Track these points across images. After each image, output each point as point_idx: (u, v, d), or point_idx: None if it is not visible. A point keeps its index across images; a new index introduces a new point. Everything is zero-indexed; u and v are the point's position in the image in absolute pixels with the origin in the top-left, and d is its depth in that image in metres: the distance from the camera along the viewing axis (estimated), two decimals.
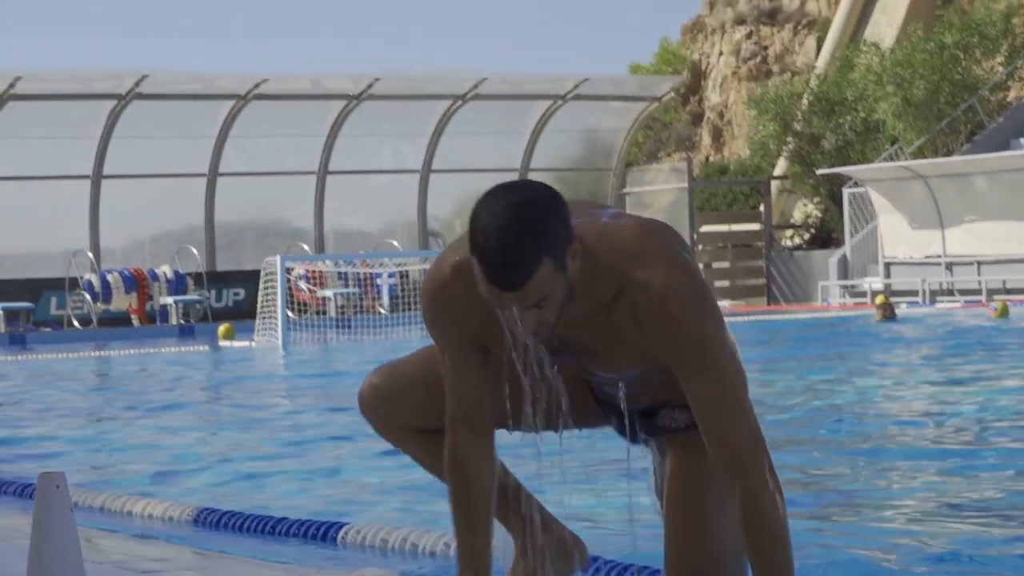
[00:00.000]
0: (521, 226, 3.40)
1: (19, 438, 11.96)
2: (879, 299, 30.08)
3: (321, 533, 6.09)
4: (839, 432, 11.39)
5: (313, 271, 28.26)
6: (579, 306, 3.63)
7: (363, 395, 4.19)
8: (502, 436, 3.88)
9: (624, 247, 3.63)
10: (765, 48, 45.84)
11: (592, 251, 3.58)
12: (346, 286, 29.14)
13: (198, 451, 10.68)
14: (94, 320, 30.60)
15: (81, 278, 31.10)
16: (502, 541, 4.35)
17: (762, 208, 37.34)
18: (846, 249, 33.96)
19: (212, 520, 6.58)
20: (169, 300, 30.67)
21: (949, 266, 31.12)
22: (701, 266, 36.15)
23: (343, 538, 5.96)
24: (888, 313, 24.97)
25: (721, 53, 47.00)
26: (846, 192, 34.22)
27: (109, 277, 31.01)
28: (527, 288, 3.43)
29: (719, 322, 3.67)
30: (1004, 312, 24.84)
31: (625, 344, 3.77)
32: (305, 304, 27.73)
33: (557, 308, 3.54)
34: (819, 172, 35.85)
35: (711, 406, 3.66)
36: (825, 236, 37.34)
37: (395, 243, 34.23)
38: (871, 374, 16.74)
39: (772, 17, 46.10)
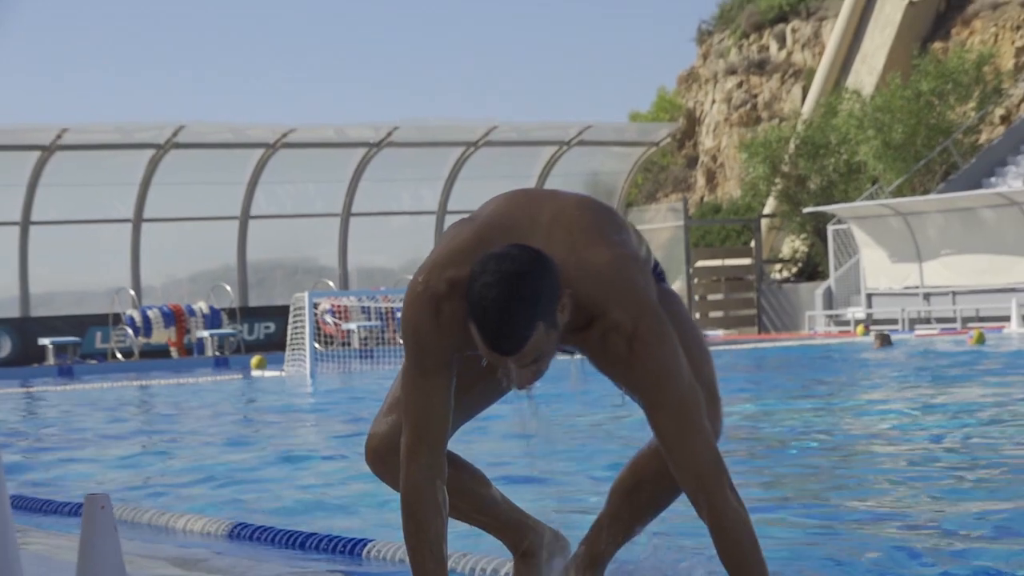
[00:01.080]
0: (514, 298, 3.54)
1: (67, 461, 11.93)
2: (862, 330, 30.09)
3: (348, 549, 6.05)
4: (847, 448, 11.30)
5: (338, 306, 28.24)
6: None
7: (369, 460, 4.26)
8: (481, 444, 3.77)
9: (601, 283, 3.74)
10: (754, 96, 45.90)
11: (572, 284, 3.69)
12: (369, 319, 29.08)
13: (232, 471, 10.64)
14: (136, 352, 30.62)
15: (124, 314, 31.11)
16: None
17: (753, 244, 37.39)
18: (831, 281, 33.94)
19: (245, 534, 6.55)
20: (205, 334, 30.68)
21: (927, 296, 31.11)
22: (697, 298, 36.27)
23: (368, 553, 5.91)
24: (885, 342, 24.93)
25: (714, 101, 47.08)
26: (830, 229, 34.22)
27: (150, 313, 31.05)
28: (524, 351, 3.59)
29: (678, 358, 3.77)
30: (980, 339, 24.77)
31: (592, 359, 3.88)
32: (331, 336, 27.70)
33: (550, 359, 3.72)
34: (805, 210, 35.82)
35: (672, 436, 3.77)
36: (811, 269, 37.36)
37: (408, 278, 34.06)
38: (868, 392, 16.76)
39: (761, 67, 46.17)
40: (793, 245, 38.94)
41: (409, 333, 3.86)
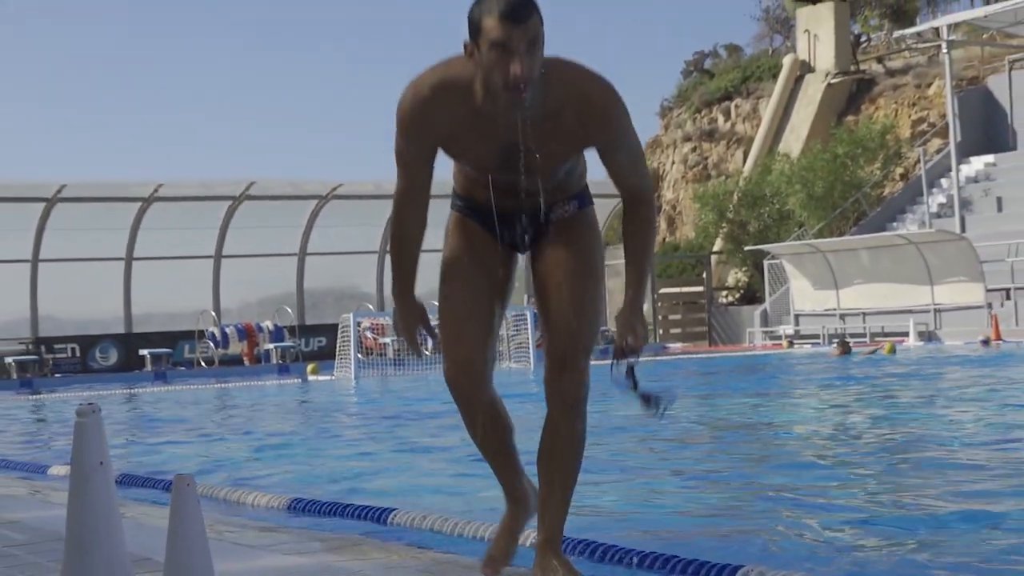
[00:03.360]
0: None
1: (161, 446, 11.95)
2: (788, 344, 30.09)
3: (376, 516, 6.04)
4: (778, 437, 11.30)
5: (376, 324, 28.14)
6: (535, 111, 3.64)
7: (456, 380, 4.03)
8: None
9: (574, 73, 3.74)
10: (705, 158, 45.92)
11: (550, 72, 3.65)
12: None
13: (293, 455, 10.66)
14: (216, 361, 30.59)
15: (206, 330, 31.11)
16: None
17: (704, 275, 37.37)
18: (766, 305, 33.92)
19: (301, 507, 6.56)
20: (271, 346, 30.66)
21: (842, 316, 31.07)
22: (660, 318, 36.25)
23: (392, 521, 5.90)
24: (845, 350, 24.85)
25: (673, 162, 47.08)
26: (766, 263, 34.23)
27: (227, 329, 31.06)
28: (531, 23, 3.52)
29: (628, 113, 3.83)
30: (892, 350, 24.81)
31: (562, 143, 3.77)
32: (370, 348, 27.61)
33: (538, 65, 3.57)
34: (746, 249, 35.92)
35: (630, 165, 3.92)
36: (751, 295, 37.34)
37: (435, 303, 34.13)
38: (795, 390, 16.82)
39: (710, 136, 46.21)
40: (736, 276, 38.94)
41: (403, 128, 3.79)
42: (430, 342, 4.19)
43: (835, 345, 25.94)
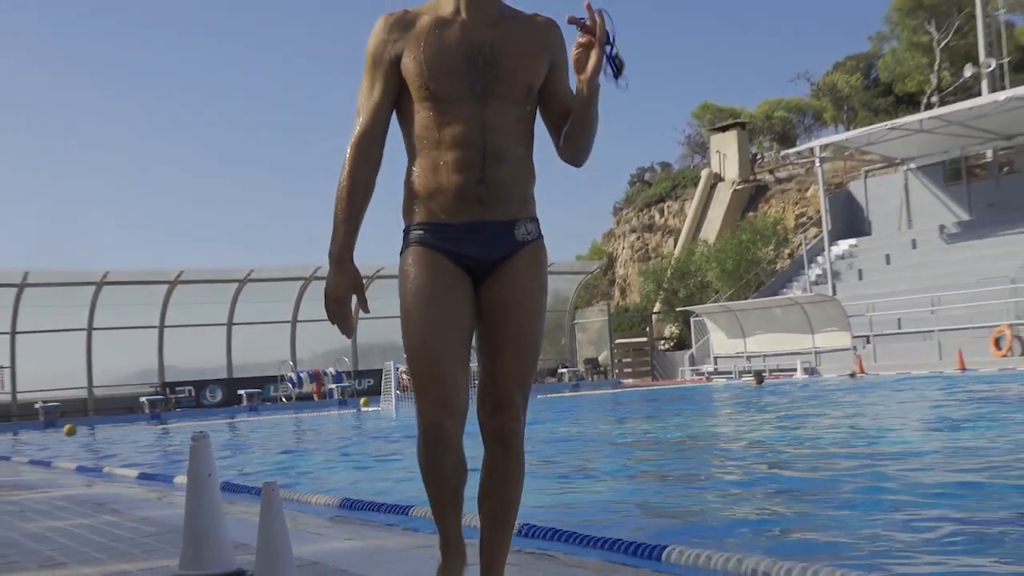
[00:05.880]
0: None
1: (253, 461, 11.94)
2: (708, 379, 30.00)
3: (403, 510, 5.90)
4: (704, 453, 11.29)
5: None
6: (493, 11, 2.79)
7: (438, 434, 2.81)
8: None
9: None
10: (647, 244, 46.09)
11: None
12: None
13: (349, 466, 10.63)
14: (293, 398, 30.54)
15: (286, 375, 31.08)
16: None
17: (648, 329, 37.37)
18: (693, 350, 33.84)
19: (348, 505, 6.53)
20: (333, 386, 30.60)
21: (748, 358, 31.00)
22: (616, 360, 36.19)
23: (411, 513, 5.77)
24: (759, 381, 24.85)
25: (623, 248, 47.27)
26: (692, 320, 34.21)
27: (301, 374, 31.03)
28: None
29: None
30: (760, 381, 24.97)
31: (519, 49, 2.76)
32: (406, 387, 27.55)
33: None
34: (677, 309, 35.97)
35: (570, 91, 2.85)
36: (681, 343, 37.28)
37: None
38: (715, 411, 16.84)
39: (650, 228, 46.40)
40: (671, 329, 38.94)
41: (374, 42, 2.78)
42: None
43: (752, 377, 25.95)
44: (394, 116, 2.86)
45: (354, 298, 2.87)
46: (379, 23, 2.80)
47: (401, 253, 2.90)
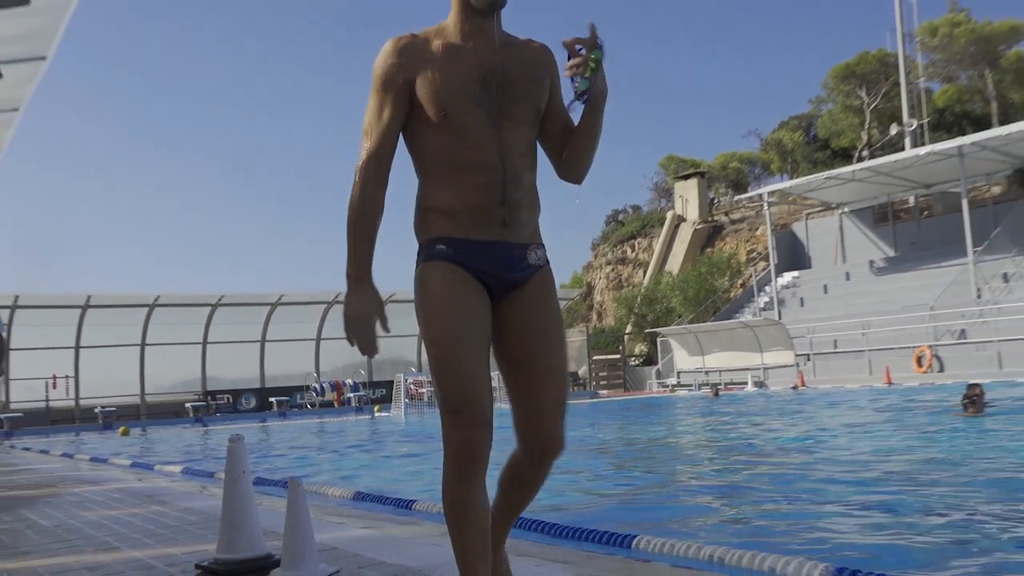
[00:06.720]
0: None
1: (282, 459, 11.85)
2: (673, 390, 29.98)
3: (405, 504, 5.85)
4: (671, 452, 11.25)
5: (417, 380, 28.12)
6: (499, 38, 2.49)
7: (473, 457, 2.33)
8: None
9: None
10: (620, 275, 46.11)
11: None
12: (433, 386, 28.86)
13: (364, 464, 10.57)
14: (317, 405, 30.45)
15: (311, 385, 30.98)
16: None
17: (620, 348, 37.40)
18: (659, 365, 33.83)
19: (362, 497, 6.47)
20: (351, 395, 30.50)
21: (706, 373, 31.03)
22: (593, 374, 36.14)
23: (415, 507, 5.69)
24: (715, 393, 24.80)
25: (600, 278, 47.29)
26: (659, 340, 34.26)
27: (324, 385, 30.93)
28: None
29: None
30: (716, 394, 24.77)
31: (526, 73, 2.48)
32: (413, 396, 27.52)
33: None
34: (647, 331, 35.95)
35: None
36: (649, 360, 37.27)
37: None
38: (678, 418, 16.81)
39: (623, 261, 46.44)
40: (640, 348, 38.96)
41: (383, 67, 2.43)
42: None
43: (710, 389, 25.91)
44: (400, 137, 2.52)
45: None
46: (388, 46, 2.46)
47: (419, 267, 2.49)
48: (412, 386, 27.63)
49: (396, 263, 29.96)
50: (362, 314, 2.38)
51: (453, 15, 2.50)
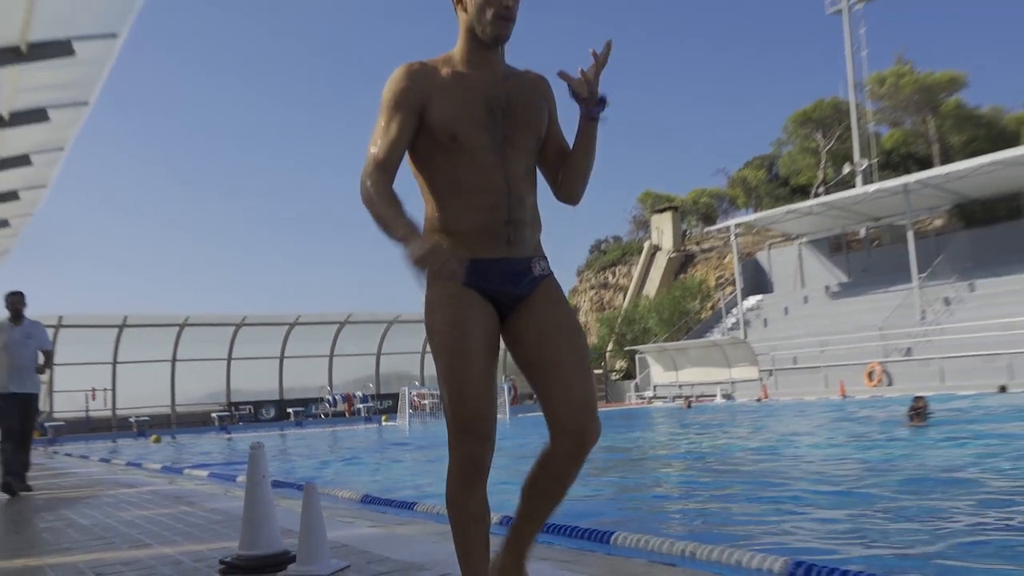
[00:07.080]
0: None
1: (299, 466, 11.78)
2: (650, 401, 29.92)
3: (408, 505, 5.79)
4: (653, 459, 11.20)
5: (420, 392, 28.02)
6: (502, 69, 2.37)
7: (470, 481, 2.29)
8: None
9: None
10: (603, 299, 46.07)
11: None
12: (434, 398, 28.98)
13: (373, 468, 10.50)
14: (330, 415, 30.31)
15: (325, 397, 30.86)
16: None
17: (603, 364, 37.33)
18: (637, 380, 33.73)
19: (369, 500, 6.40)
20: (361, 406, 30.40)
21: (680, 386, 30.96)
22: None
23: (415, 508, 5.68)
24: (688, 405, 24.73)
25: (585, 301, 47.24)
26: (637, 356, 34.19)
27: (336, 396, 30.83)
28: None
29: None
30: (689, 406, 24.64)
31: (528, 100, 2.38)
32: (416, 407, 27.46)
33: (516, 10, 2.33)
34: (626, 349, 35.89)
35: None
36: (629, 374, 37.15)
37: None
38: (652, 427, 16.75)
39: (605, 286, 46.44)
40: (620, 364, 38.86)
41: (392, 90, 2.29)
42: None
43: (683, 401, 25.85)
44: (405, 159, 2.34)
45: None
46: (400, 71, 2.31)
47: (428, 288, 2.31)
48: (415, 398, 27.55)
49: (402, 285, 29.94)
50: (432, 243, 2.03)
51: (460, 46, 2.38)
